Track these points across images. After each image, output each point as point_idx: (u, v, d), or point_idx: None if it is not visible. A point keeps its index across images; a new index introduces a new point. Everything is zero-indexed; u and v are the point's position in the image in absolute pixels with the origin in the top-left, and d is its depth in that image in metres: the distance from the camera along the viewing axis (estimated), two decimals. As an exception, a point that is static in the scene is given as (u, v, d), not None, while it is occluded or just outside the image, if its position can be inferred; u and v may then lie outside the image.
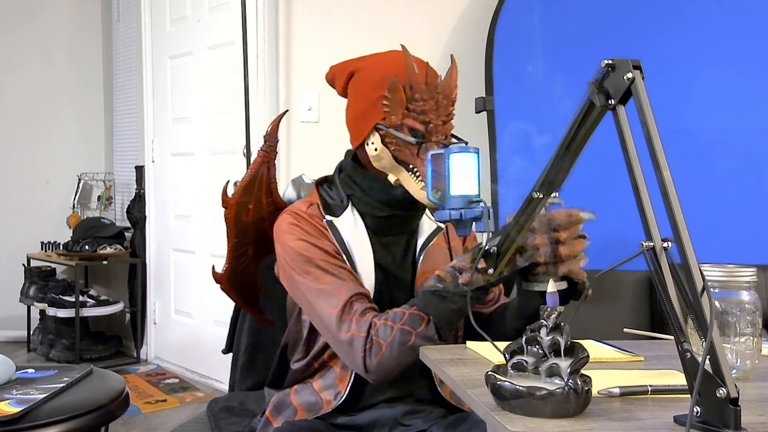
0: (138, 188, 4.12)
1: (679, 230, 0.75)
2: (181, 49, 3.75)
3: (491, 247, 1.11)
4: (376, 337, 1.21)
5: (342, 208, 1.36)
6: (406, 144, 1.27)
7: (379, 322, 1.21)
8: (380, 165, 1.31)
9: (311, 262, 1.28)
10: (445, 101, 1.29)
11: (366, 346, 1.21)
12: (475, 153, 1.08)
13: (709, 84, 2.65)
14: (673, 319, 0.75)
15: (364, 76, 1.34)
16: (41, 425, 1.29)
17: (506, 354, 0.84)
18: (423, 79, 1.28)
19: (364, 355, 1.21)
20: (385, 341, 1.19)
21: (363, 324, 1.22)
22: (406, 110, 1.27)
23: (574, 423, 0.74)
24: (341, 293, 1.25)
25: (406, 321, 1.19)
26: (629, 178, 0.81)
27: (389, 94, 1.27)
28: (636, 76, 0.80)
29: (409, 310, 1.21)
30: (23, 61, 4.56)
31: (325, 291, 1.26)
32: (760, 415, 0.77)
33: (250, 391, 1.63)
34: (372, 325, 1.22)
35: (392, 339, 1.19)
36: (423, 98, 1.27)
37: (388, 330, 1.20)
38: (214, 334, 3.46)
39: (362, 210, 1.35)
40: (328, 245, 1.31)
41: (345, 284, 1.26)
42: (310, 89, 3.04)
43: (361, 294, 1.26)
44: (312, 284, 1.27)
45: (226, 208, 1.43)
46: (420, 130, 1.27)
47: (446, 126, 1.29)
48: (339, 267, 1.29)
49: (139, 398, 3.29)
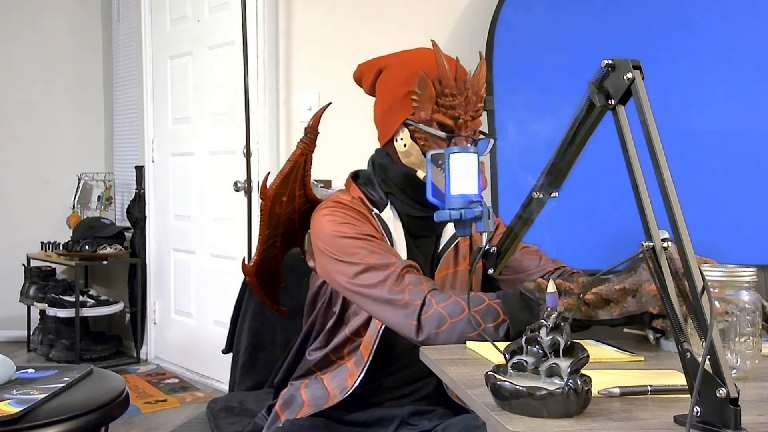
0: (138, 188, 4.13)
1: (679, 230, 0.75)
2: (181, 49, 3.75)
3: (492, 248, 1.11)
4: (443, 311, 1.17)
5: (383, 204, 1.36)
6: (436, 139, 1.28)
7: (453, 297, 1.17)
8: (409, 161, 1.32)
9: (356, 244, 1.26)
10: (474, 97, 1.29)
11: (424, 314, 1.17)
12: (475, 153, 1.08)
13: (709, 84, 2.65)
14: (673, 319, 0.75)
15: (392, 72, 1.35)
16: (41, 425, 1.29)
17: (506, 354, 0.84)
18: (453, 74, 1.29)
19: (418, 323, 1.17)
20: (452, 319, 1.16)
21: (419, 292, 1.19)
22: (435, 105, 1.28)
23: (574, 423, 0.74)
24: (391, 267, 1.23)
25: (483, 309, 1.15)
26: (629, 178, 0.81)
27: (419, 89, 1.28)
28: (636, 76, 0.80)
29: (492, 301, 1.16)
30: (24, 61, 4.56)
31: (374, 267, 1.23)
32: (760, 415, 0.77)
33: (250, 391, 1.63)
34: (434, 295, 1.18)
35: (459, 320, 1.16)
36: (452, 93, 1.28)
37: (459, 309, 1.16)
38: (214, 334, 3.46)
39: (399, 209, 1.36)
40: (373, 231, 1.30)
41: (393, 259, 1.24)
42: (310, 89, 3.04)
43: (411, 266, 1.24)
44: (358, 265, 1.24)
45: (264, 199, 1.43)
46: (449, 125, 1.28)
47: (475, 122, 1.30)
48: (385, 249, 1.27)
49: (139, 398, 3.29)
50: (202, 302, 3.65)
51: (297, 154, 1.42)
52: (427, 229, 1.38)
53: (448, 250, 1.38)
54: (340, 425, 1.31)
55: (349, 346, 1.34)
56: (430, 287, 1.21)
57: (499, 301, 1.16)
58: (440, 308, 1.17)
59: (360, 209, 1.33)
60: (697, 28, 2.69)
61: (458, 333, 1.15)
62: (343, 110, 2.16)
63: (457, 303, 1.16)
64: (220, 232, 3.45)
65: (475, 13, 3.12)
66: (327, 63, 3.00)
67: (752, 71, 2.66)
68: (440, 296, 1.19)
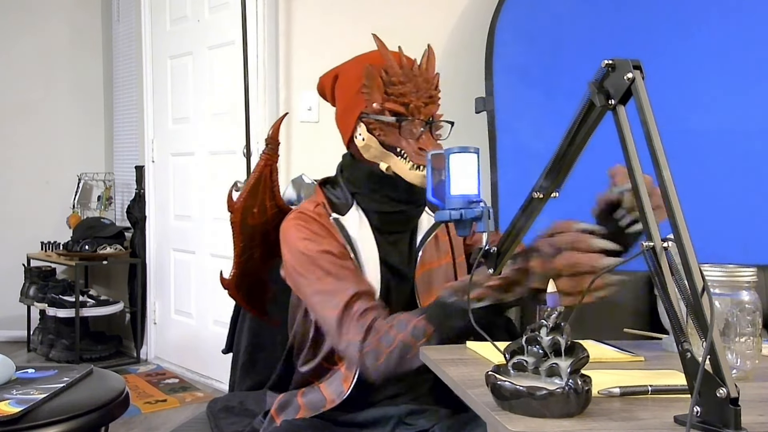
0: (138, 188, 4.13)
1: (679, 230, 0.75)
2: (181, 49, 3.75)
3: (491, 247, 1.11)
4: (378, 344, 1.20)
5: (347, 207, 1.37)
6: (390, 127, 1.31)
7: (384, 327, 1.21)
8: (370, 155, 1.33)
9: (314, 262, 1.28)
10: (425, 84, 1.32)
11: (364, 350, 1.21)
12: (475, 153, 1.08)
13: (709, 84, 2.65)
14: (673, 319, 0.75)
15: (345, 75, 1.39)
16: (41, 425, 1.29)
17: (506, 354, 0.84)
18: (397, 63, 1.32)
19: (362, 360, 1.21)
20: (386, 349, 1.20)
21: (361, 326, 1.22)
22: (385, 95, 1.31)
23: (574, 423, 0.74)
24: (341, 294, 1.25)
25: (409, 331, 1.19)
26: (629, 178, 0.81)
27: (367, 81, 1.31)
28: (636, 76, 0.80)
29: (415, 320, 1.20)
30: (24, 61, 4.56)
31: (327, 291, 1.26)
32: (760, 415, 0.77)
33: (250, 391, 1.63)
34: (372, 329, 1.21)
35: (393, 348, 1.19)
36: (400, 81, 1.31)
37: (390, 338, 1.20)
38: (214, 334, 3.46)
39: (367, 207, 1.36)
40: (334, 245, 1.31)
41: (346, 284, 1.26)
42: (310, 89, 3.03)
43: (362, 293, 1.26)
44: (314, 285, 1.28)
45: (232, 212, 1.44)
46: (401, 112, 1.31)
47: (429, 108, 1.32)
48: (342, 267, 1.29)
49: (139, 398, 3.29)
50: (202, 302, 3.65)
51: (261, 166, 1.43)
52: (400, 224, 1.39)
53: (425, 244, 1.38)
54: (337, 426, 1.31)
55: None
56: (375, 316, 1.23)
57: (424, 316, 1.20)
58: (376, 341, 1.20)
59: (321, 219, 1.34)
60: (697, 28, 2.69)
61: (395, 360, 1.19)
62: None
63: (389, 333, 1.20)
64: (220, 232, 3.44)
65: (475, 13, 3.12)
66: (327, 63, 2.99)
67: (752, 71, 2.66)
68: (381, 325, 1.21)
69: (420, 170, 1.29)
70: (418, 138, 1.31)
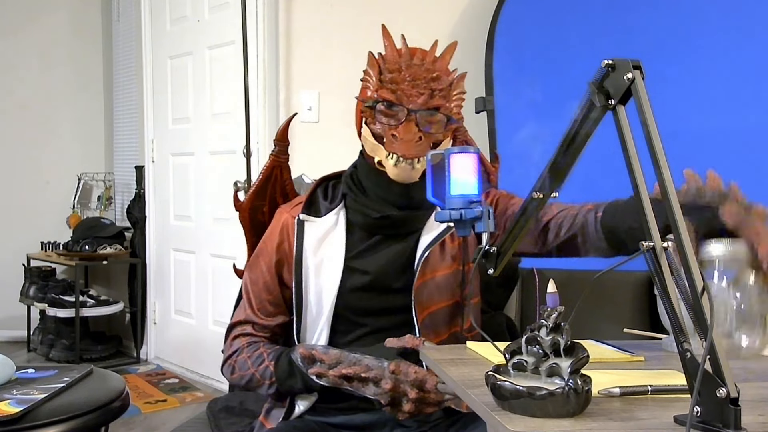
0: (138, 188, 4.13)
1: (679, 230, 0.75)
2: (181, 49, 3.75)
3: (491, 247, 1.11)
4: (236, 364, 1.35)
5: (329, 209, 1.35)
6: (379, 115, 1.28)
7: (244, 355, 1.34)
8: (368, 148, 1.32)
9: (250, 268, 1.40)
10: (426, 74, 1.28)
11: (226, 363, 1.38)
12: (475, 153, 1.08)
13: (708, 84, 2.65)
14: (673, 319, 0.75)
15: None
16: (41, 425, 1.29)
17: (506, 354, 0.84)
18: (398, 51, 1.30)
19: (224, 370, 1.39)
20: (239, 372, 1.34)
21: (231, 345, 1.38)
22: (379, 82, 1.28)
23: (574, 423, 0.74)
24: (238, 313, 1.41)
25: (260, 370, 1.31)
26: (629, 178, 0.81)
27: (367, 68, 1.32)
28: (636, 76, 0.80)
29: (268, 362, 1.30)
30: (24, 61, 4.56)
31: (240, 302, 1.43)
32: (761, 415, 0.77)
33: (250, 391, 1.63)
34: (237, 351, 1.36)
35: (245, 374, 1.33)
36: (396, 69, 1.28)
37: (245, 366, 1.33)
38: (214, 334, 3.46)
39: (356, 209, 1.34)
40: (270, 260, 1.36)
41: (242, 310, 1.39)
42: (310, 89, 3.04)
43: (244, 321, 1.38)
44: (242, 285, 1.43)
45: (240, 211, 1.48)
46: (389, 99, 1.27)
47: (425, 99, 1.26)
48: (259, 289, 1.37)
49: (139, 398, 3.29)
50: (202, 302, 3.65)
51: (269, 167, 1.45)
52: (390, 229, 1.33)
53: (428, 252, 1.31)
54: (333, 429, 1.31)
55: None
56: (245, 343, 1.37)
57: (273, 364, 1.30)
58: (235, 362, 1.36)
59: (287, 220, 1.36)
60: (697, 28, 2.69)
61: (245, 384, 1.35)
62: (343, 110, 2.16)
63: (246, 362, 1.33)
64: (220, 232, 3.45)
65: (475, 13, 3.12)
66: (327, 63, 3.00)
67: (752, 71, 2.66)
68: (244, 352, 1.35)
69: (401, 162, 1.25)
70: (397, 126, 1.27)
